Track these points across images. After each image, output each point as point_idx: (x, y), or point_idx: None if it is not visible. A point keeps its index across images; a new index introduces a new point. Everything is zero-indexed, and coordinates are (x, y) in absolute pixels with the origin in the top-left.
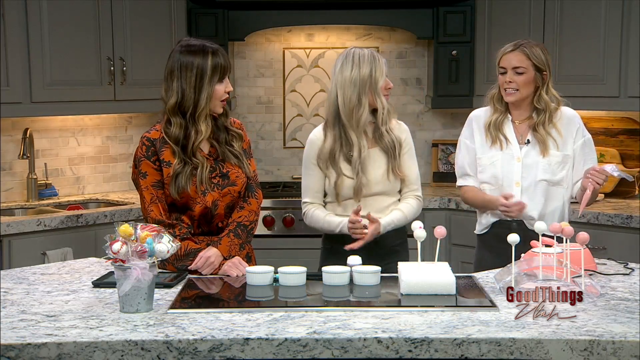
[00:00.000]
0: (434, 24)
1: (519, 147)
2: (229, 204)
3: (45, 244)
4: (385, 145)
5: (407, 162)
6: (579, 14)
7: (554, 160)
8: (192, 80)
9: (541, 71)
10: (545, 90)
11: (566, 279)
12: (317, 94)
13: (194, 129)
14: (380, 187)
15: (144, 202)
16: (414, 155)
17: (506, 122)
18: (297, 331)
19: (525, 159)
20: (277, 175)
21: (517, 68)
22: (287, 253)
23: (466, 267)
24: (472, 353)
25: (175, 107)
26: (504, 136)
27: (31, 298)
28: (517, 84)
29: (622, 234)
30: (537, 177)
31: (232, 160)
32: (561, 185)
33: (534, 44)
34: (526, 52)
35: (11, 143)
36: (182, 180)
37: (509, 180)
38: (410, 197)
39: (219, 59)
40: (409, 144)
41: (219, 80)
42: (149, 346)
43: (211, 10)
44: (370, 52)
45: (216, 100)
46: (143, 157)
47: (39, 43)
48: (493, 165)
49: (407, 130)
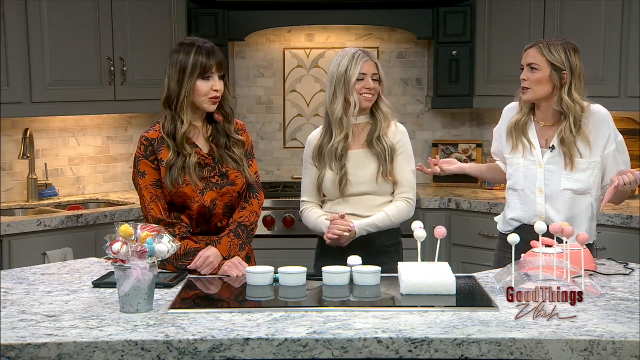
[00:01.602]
0: (434, 24)
1: (541, 151)
2: (227, 203)
3: (45, 244)
4: (376, 150)
5: (400, 165)
6: (579, 14)
7: (579, 168)
8: (175, 75)
9: (560, 70)
10: (567, 93)
11: (566, 279)
12: (317, 94)
13: (179, 120)
14: (367, 187)
15: (143, 201)
16: (409, 157)
17: (529, 123)
18: (297, 331)
19: (548, 165)
20: (277, 175)
21: (531, 64)
22: (287, 253)
23: (466, 267)
24: (472, 353)
25: (164, 101)
26: (527, 139)
27: (31, 298)
28: (530, 81)
29: (622, 234)
30: (561, 185)
31: (231, 164)
32: (588, 193)
33: (558, 42)
34: (542, 48)
35: (11, 143)
36: (175, 172)
37: (532, 187)
38: (400, 200)
39: (202, 56)
40: (403, 146)
41: (199, 76)
42: (149, 346)
43: (211, 10)
44: (356, 50)
45: (200, 97)
46: (141, 157)
47: (39, 43)
48: (515, 169)
49: (403, 132)
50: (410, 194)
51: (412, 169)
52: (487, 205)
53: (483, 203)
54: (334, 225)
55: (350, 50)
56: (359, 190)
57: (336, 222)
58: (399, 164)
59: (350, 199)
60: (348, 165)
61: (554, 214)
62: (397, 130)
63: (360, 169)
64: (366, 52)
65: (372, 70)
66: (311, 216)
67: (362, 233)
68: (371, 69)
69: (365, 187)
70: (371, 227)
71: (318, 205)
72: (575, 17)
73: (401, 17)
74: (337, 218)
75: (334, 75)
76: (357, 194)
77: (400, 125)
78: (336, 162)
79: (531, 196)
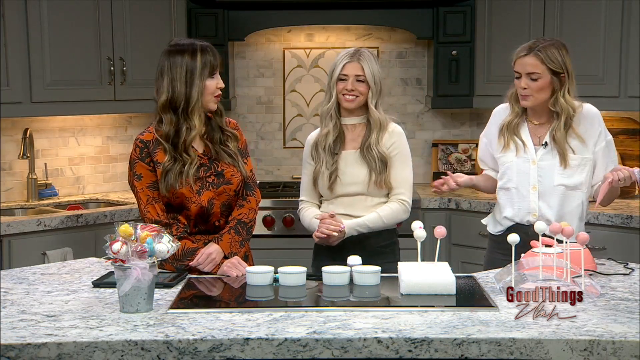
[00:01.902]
0: (434, 24)
1: (534, 149)
2: (225, 202)
3: (45, 244)
4: (367, 159)
5: (395, 168)
6: (579, 14)
7: (572, 164)
8: (182, 76)
9: (558, 74)
10: (563, 94)
11: (566, 279)
12: (317, 94)
13: (186, 124)
14: (360, 188)
15: (140, 203)
16: (405, 158)
17: (522, 124)
18: (297, 331)
19: (541, 162)
20: (277, 175)
21: (531, 74)
22: (287, 253)
23: (466, 267)
24: (472, 353)
25: (166, 103)
26: (520, 139)
27: (31, 298)
28: (532, 89)
29: (622, 234)
30: (554, 181)
31: (227, 159)
32: (579, 189)
33: (550, 44)
34: (541, 56)
35: (11, 143)
36: (171, 177)
37: (526, 184)
38: (394, 201)
39: (209, 55)
40: (397, 148)
41: (209, 75)
42: (149, 346)
43: (211, 10)
44: (348, 50)
45: (209, 96)
46: (137, 160)
47: (39, 43)
48: (507, 168)
49: (399, 134)
50: (405, 196)
51: (409, 169)
52: (487, 205)
53: (483, 203)
54: (323, 224)
55: (349, 49)
56: (352, 190)
57: (325, 221)
58: (394, 167)
59: (344, 199)
60: (340, 163)
61: (547, 211)
62: (392, 133)
63: (352, 170)
64: (357, 53)
65: (354, 72)
66: (307, 215)
67: (352, 233)
68: (354, 71)
69: (357, 187)
70: (362, 227)
71: (316, 205)
72: (575, 17)
73: (401, 17)
74: (326, 217)
75: (329, 73)
76: (350, 194)
77: (395, 126)
78: (328, 158)
79: (525, 193)
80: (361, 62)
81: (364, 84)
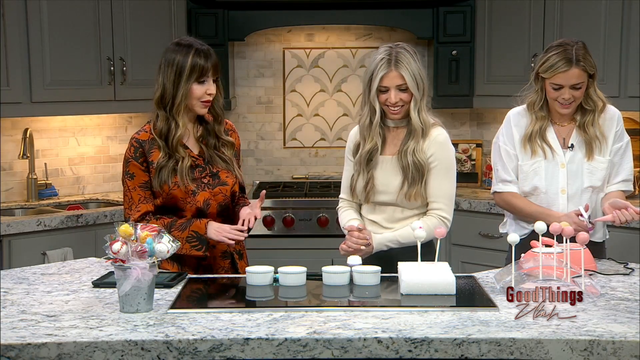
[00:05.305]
0: (434, 24)
1: (562, 152)
2: (221, 203)
3: (45, 244)
4: (403, 167)
5: (433, 180)
6: (579, 14)
7: (599, 167)
8: (172, 76)
9: (593, 75)
10: (594, 89)
11: (566, 279)
12: (317, 94)
13: (174, 122)
14: (392, 197)
15: (131, 202)
16: (446, 170)
17: (548, 128)
18: (297, 331)
19: (570, 164)
20: (277, 175)
21: (575, 85)
22: (287, 253)
23: (466, 267)
24: (472, 353)
25: (158, 100)
26: (547, 144)
27: (31, 298)
28: (575, 97)
29: (622, 234)
30: (584, 184)
31: (221, 164)
32: (601, 190)
33: (582, 49)
34: (584, 66)
35: (11, 143)
36: (165, 173)
37: (555, 188)
38: (433, 216)
39: (200, 59)
40: (436, 159)
41: (196, 80)
42: (149, 346)
43: (211, 10)
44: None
45: (194, 100)
46: (131, 159)
47: (39, 43)
48: (535, 173)
49: (440, 143)
50: (445, 212)
51: (450, 182)
52: (487, 205)
53: (483, 203)
54: (350, 237)
55: (380, 53)
56: (385, 199)
57: (354, 234)
58: (433, 178)
59: (379, 207)
60: (375, 172)
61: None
62: (433, 141)
63: (387, 177)
64: (393, 59)
65: (395, 83)
66: (343, 218)
67: (381, 249)
68: (394, 81)
69: (389, 197)
70: (392, 242)
71: (355, 205)
72: (575, 17)
73: (401, 17)
74: (355, 230)
75: (364, 79)
76: (383, 202)
77: (439, 133)
78: (364, 166)
79: (554, 197)
80: (400, 70)
81: (407, 92)
